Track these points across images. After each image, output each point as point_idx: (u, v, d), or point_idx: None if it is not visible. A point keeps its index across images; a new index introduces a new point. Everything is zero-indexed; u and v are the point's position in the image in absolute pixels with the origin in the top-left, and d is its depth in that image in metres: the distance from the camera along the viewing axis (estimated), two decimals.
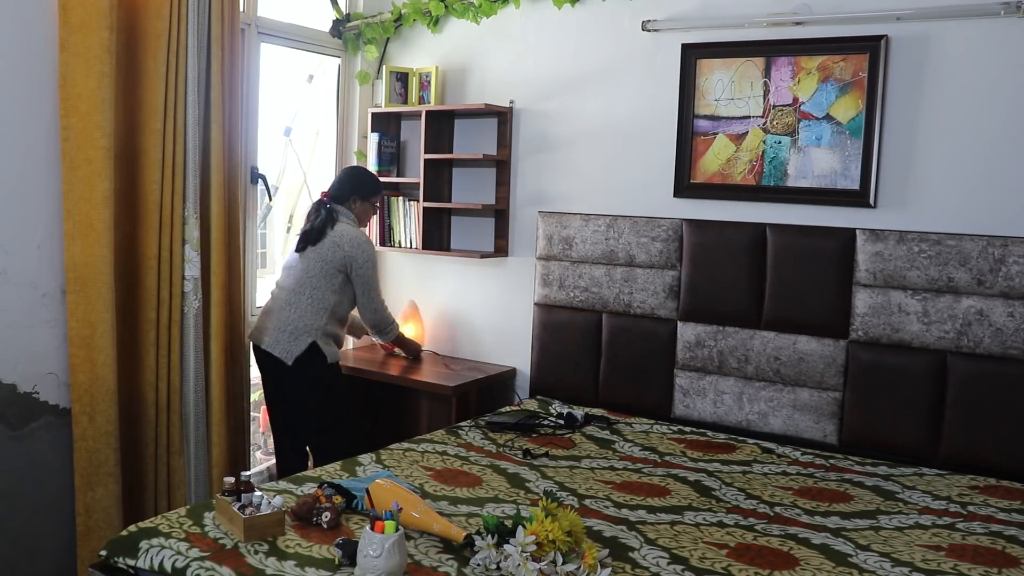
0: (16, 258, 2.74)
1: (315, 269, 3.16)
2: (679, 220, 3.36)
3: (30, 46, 2.71)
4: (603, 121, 3.59)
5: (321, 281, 3.16)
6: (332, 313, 3.19)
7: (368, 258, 3.20)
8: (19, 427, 2.76)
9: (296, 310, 3.15)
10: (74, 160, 2.75)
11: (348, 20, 4.03)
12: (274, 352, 3.15)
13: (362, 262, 3.18)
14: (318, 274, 3.16)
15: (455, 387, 3.46)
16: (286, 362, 3.13)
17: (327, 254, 3.16)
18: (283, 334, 3.14)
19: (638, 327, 3.45)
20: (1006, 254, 2.78)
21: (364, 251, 3.19)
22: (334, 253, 3.16)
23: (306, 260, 3.19)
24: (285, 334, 3.14)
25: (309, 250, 3.20)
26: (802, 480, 2.71)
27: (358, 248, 3.18)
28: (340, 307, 3.23)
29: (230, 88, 3.17)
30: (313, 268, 3.16)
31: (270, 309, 3.26)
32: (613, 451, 2.96)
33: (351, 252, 3.16)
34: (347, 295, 3.25)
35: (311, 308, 3.15)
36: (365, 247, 3.20)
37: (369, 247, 3.22)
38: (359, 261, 3.17)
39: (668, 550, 2.10)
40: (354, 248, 3.17)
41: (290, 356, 3.12)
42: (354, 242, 3.18)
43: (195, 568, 1.88)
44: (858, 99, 3.04)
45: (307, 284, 3.16)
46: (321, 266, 3.16)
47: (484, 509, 2.31)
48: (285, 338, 3.14)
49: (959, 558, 2.12)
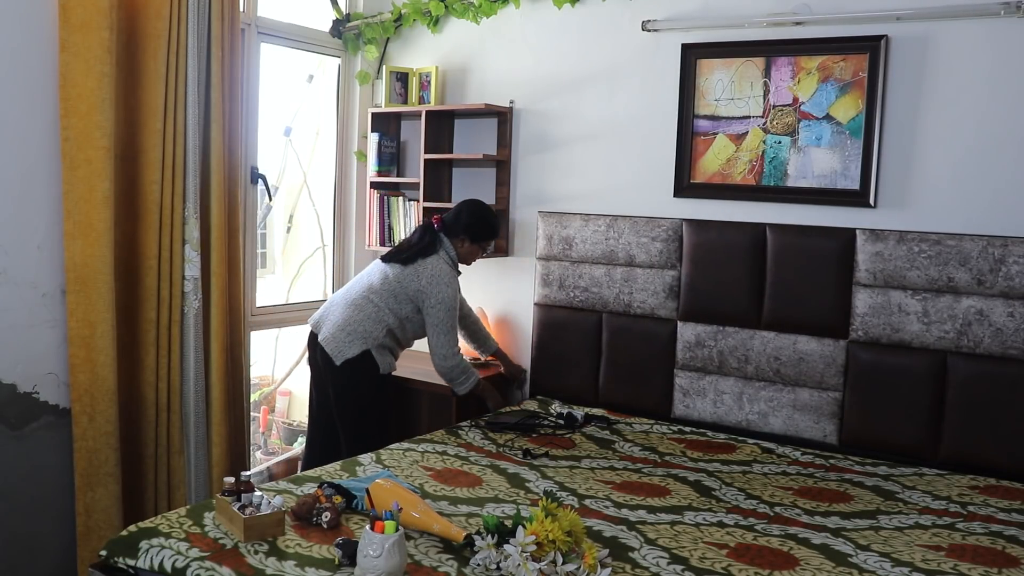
0: (16, 258, 2.74)
1: (390, 288, 3.11)
2: (679, 220, 3.36)
3: (30, 46, 2.71)
4: (603, 121, 3.59)
5: (391, 300, 3.11)
6: (391, 332, 3.13)
7: (441, 300, 3.08)
8: (19, 427, 2.76)
9: (360, 313, 3.10)
10: (74, 160, 2.75)
11: (348, 20, 4.03)
12: (327, 348, 3.09)
13: (434, 302, 3.08)
14: (390, 293, 3.11)
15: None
16: (335, 361, 3.08)
17: (405, 280, 3.10)
18: (341, 332, 3.09)
19: (638, 327, 3.45)
20: (1006, 254, 2.78)
21: (439, 291, 3.08)
22: (411, 282, 3.09)
23: (387, 274, 3.14)
24: (343, 333, 3.08)
25: (395, 266, 3.14)
26: (802, 480, 2.71)
27: (434, 286, 3.08)
28: (401, 330, 3.16)
29: (230, 88, 3.17)
30: (388, 286, 3.11)
31: (336, 302, 3.21)
32: (613, 451, 2.96)
33: (426, 288, 3.08)
34: (414, 324, 3.17)
35: (372, 317, 3.09)
36: (443, 288, 3.09)
37: (449, 289, 3.10)
38: (431, 301, 3.08)
39: (668, 550, 2.10)
40: (431, 284, 3.08)
41: (340, 357, 3.07)
42: (435, 279, 3.09)
43: (195, 568, 1.88)
44: (858, 99, 3.04)
45: (378, 296, 3.11)
46: (396, 287, 3.11)
47: (484, 509, 2.31)
48: (342, 337, 3.08)
49: (959, 558, 2.12)
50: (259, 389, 4.56)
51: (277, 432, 4.64)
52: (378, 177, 3.99)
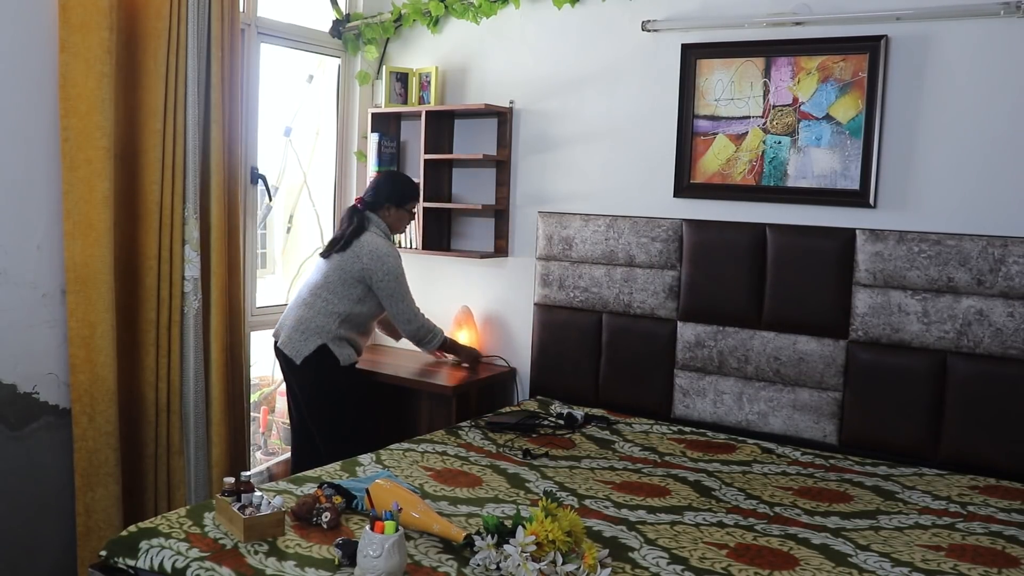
0: (16, 258, 2.74)
1: (334, 276, 3.19)
2: (679, 220, 3.36)
3: (30, 46, 2.71)
4: (603, 121, 3.59)
5: (338, 288, 3.18)
6: (345, 319, 3.20)
7: (388, 270, 3.17)
8: (19, 427, 2.76)
9: (310, 310, 3.18)
10: (74, 160, 2.75)
11: (348, 20, 4.03)
12: (285, 350, 3.19)
13: (382, 275, 3.17)
14: (336, 281, 3.18)
15: (455, 387, 3.46)
16: (295, 361, 3.16)
17: (347, 264, 3.18)
18: (296, 332, 3.18)
19: (638, 327, 3.45)
20: (1006, 254, 2.78)
21: (384, 263, 3.17)
22: (353, 264, 3.17)
23: (328, 266, 3.22)
24: (297, 333, 3.18)
25: (334, 256, 3.22)
26: (802, 480, 2.71)
27: (377, 260, 3.16)
28: (356, 315, 3.23)
29: (230, 88, 3.17)
30: (332, 275, 3.19)
31: (289, 307, 3.30)
32: (613, 451, 2.96)
33: (369, 265, 3.16)
34: (367, 305, 3.24)
35: (323, 311, 3.17)
36: (385, 259, 3.18)
37: (390, 259, 3.19)
38: (378, 275, 3.17)
39: (668, 550, 2.10)
40: (373, 260, 3.16)
41: (299, 356, 3.16)
42: (374, 254, 3.17)
43: (195, 568, 1.88)
44: (858, 99, 3.04)
45: (324, 288, 3.19)
46: (339, 275, 3.18)
47: (484, 509, 2.31)
48: (297, 337, 3.17)
49: (959, 558, 2.12)
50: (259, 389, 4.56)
51: (277, 432, 4.63)
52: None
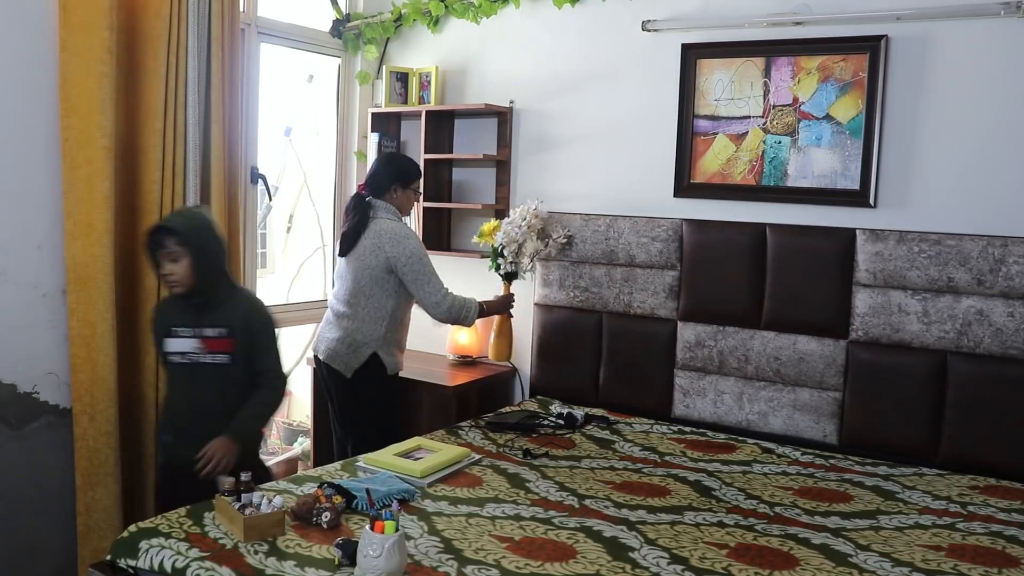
0: (16, 258, 2.74)
1: (364, 277, 3.03)
2: (679, 220, 3.36)
3: (30, 46, 2.71)
4: (603, 121, 3.59)
5: (374, 288, 3.04)
6: (392, 318, 3.08)
7: (411, 252, 3.01)
8: (19, 427, 2.76)
9: (354, 321, 3.06)
10: (74, 160, 2.75)
11: (348, 20, 4.03)
12: (333, 365, 3.08)
13: (405, 258, 3.00)
14: (368, 283, 3.03)
15: (455, 387, 3.46)
16: (345, 375, 3.06)
17: (370, 259, 3.02)
18: (342, 345, 3.06)
19: (638, 327, 3.45)
20: (1006, 254, 2.78)
21: (404, 246, 3.00)
22: (376, 256, 3.01)
23: (352, 266, 3.07)
24: (343, 345, 3.06)
25: (354, 256, 3.07)
26: (802, 480, 2.71)
27: (398, 245, 3.00)
28: (400, 309, 3.11)
29: (230, 88, 3.17)
30: (362, 276, 3.04)
31: (328, 321, 3.18)
32: (613, 451, 2.96)
33: (391, 252, 3.00)
34: (404, 295, 3.10)
35: (369, 318, 3.05)
36: (405, 242, 3.01)
37: (410, 241, 3.03)
38: (402, 259, 3.00)
39: (668, 550, 2.10)
40: (394, 246, 3.00)
41: (349, 369, 3.05)
42: (394, 239, 3.01)
43: (195, 568, 1.88)
44: (858, 99, 3.04)
45: (360, 293, 3.05)
46: (369, 275, 3.03)
47: (484, 509, 2.31)
48: (344, 350, 3.06)
49: (959, 558, 2.12)
50: None
51: (277, 432, 4.64)
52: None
